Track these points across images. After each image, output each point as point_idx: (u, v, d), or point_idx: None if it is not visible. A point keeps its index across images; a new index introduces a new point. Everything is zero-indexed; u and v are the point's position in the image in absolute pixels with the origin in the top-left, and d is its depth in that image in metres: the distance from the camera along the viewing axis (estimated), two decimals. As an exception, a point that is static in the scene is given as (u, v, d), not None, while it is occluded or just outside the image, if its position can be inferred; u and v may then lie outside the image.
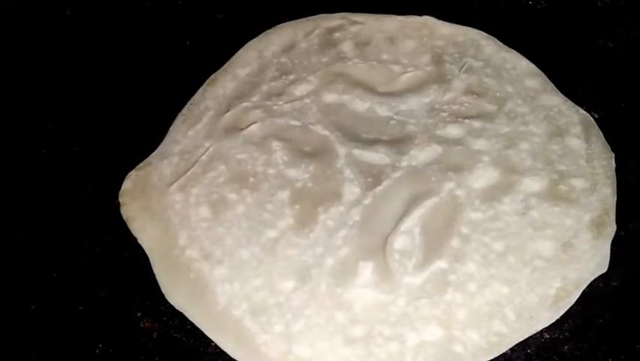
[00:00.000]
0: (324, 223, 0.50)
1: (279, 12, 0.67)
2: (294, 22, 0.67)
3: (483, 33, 0.63)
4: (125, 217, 0.52)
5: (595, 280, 0.47)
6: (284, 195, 0.52)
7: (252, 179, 0.53)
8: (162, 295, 0.48)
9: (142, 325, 0.47)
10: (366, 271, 0.47)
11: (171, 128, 0.58)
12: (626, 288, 0.48)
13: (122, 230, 0.52)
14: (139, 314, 0.48)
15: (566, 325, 0.46)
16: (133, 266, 0.50)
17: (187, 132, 0.57)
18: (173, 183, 0.53)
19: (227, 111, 0.58)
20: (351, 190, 0.52)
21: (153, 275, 0.49)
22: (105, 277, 0.50)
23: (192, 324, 0.47)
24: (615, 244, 0.49)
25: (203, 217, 0.51)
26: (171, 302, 0.47)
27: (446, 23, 0.65)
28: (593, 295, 0.47)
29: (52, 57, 0.64)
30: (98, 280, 0.50)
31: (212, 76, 0.62)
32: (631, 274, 0.48)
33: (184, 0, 0.69)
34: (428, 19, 0.65)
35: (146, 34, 0.66)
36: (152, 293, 0.48)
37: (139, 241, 0.51)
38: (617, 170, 0.53)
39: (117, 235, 0.52)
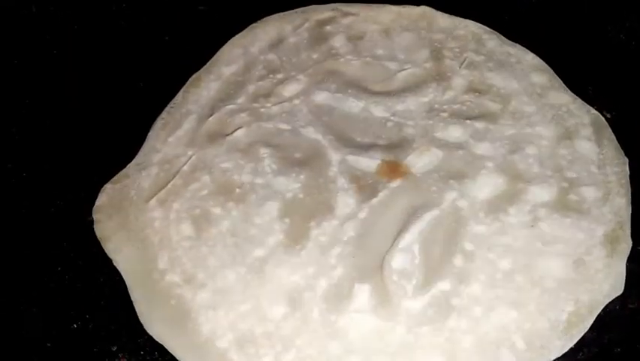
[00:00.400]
0: (317, 239, 0.46)
1: (266, 3, 0.62)
2: (281, 14, 0.62)
3: (484, 27, 0.59)
4: (99, 236, 0.48)
5: (610, 302, 0.43)
6: (273, 207, 0.48)
7: (238, 190, 0.49)
8: (140, 326, 0.44)
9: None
10: (363, 294, 0.43)
11: (150, 135, 0.54)
12: None
13: (97, 251, 0.47)
14: (114, 348, 0.44)
15: (580, 354, 0.42)
16: (108, 293, 0.46)
17: (167, 139, 0.53)
18: (152, 198, 0.49)
19: (211, 115, 0.54)
20: (346, 202, 0.48)
21: (130, 303, 0.45)
22: (78, 306, 0.45)
23: (173, 358, 0.43)
24: (632, 261, 0.45)
25: (184, 236, 0.47)
26: (150, 333, 0.43)
27: (445, 15, 0.61)
28: (609, 319, 0.43)
29: (19, 60, 0.60)
30: (70, 310, 0.45)
31: (195, 75, 0.58)
32: None
33: None
34: (426, 10, 0.61)
35: (122, 29, 0.62)
36: (130, 324, 0.44)
37: (114, 264, 0.46)
38: (631, 177, 0.49)
39: (91, 258, 0.47)
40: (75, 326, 0.45)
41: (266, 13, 0.62)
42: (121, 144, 0.53)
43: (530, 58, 0.57)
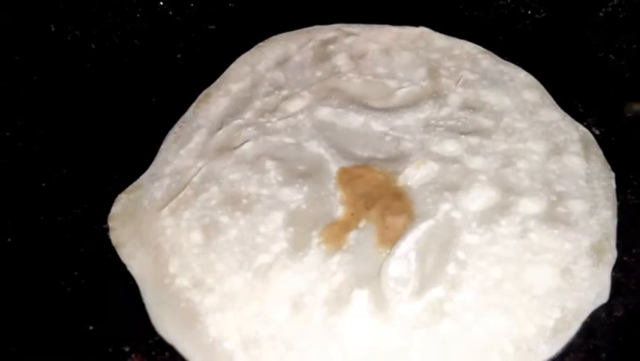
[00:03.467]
0: (318, 247, 0.49)
1: (272, 23, 0.65)
2: (287, 33, 0.65)
3: (479, 47, 0.62)
4: (114, 243, 0.51)
5: (597, 309, 0.46)
6: (278, 217, 0.50)
7: (244, 200, 0.52)
8: (151, 327, 0.47)
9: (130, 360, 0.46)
10: (361, 299, 0.46)
11: (162, 148, 0.57)
12: (630, 318, 0.46)
13: (111, 257, 0.50)
14: (127, 349, 0.46)
15: (567, 359, 0.44)
16: (121, 297, 0.49)
17: (179, 152, 0.56)
18: (164, 207, 0.52)
19: (220, 129, 0.57)
20: (346, 213, 0.50)
21: (142, 305, 0.48)
22: (93, 309, 0.48)
23: (182, 358, 0.46)
24: (618, 270, 0.47)
25: (194, 243, 0.50)
26: (161, 334, 0.46)
27: (442, 35, 0.64)
28: (595, 325, 0.45)
29: (39, 75, 0.62)
30: (86, 312, 0.48)
31: (205, 92, 0.61)
32: (635, 303, 0.46)
33: (174, 12, 0.67)
34: (424, 31, 0.64)
35: (136, 48, 0.65)
36: (141, 326, 0.47)
37: (128, 269, 0.49)
38: (617, 191, 0.51)
39: (106, 263, 0.50)
40: (91, 327, 0.47)
41: (272, 33, 0.64)
42: (135, 156, 0.56)
43: (523, 76, 0.59)
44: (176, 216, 0.51)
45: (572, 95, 0.58)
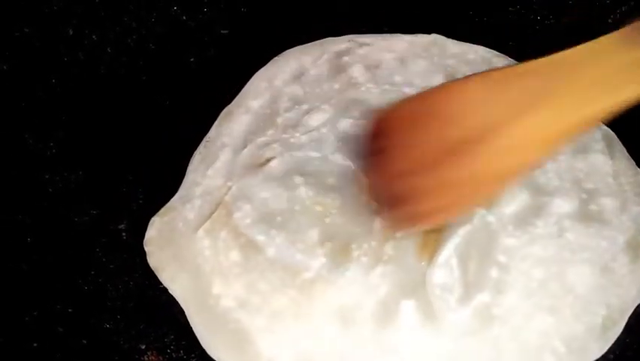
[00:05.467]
0: (359, 260, 0.49)
1: (284, 37, 0.65)
2: (300, 47, 0.65)
3: (493, 51, 0.63)
4: (153, 267, 0.51)
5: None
6: (314, 233, 0.50)
7: (279, 218, 0.51)
8: (166, 326, 0.48)
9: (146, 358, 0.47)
10: (409, 310, 0.46)
11: (190, 169, 0.56)
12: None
13: (127, 257, 0.52)
14: (143, 347, 0.47)
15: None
16: (137, 295, 0.50)
17: (206, 172, 0.55)
18: (199, 228, 0.51)
19: (245, 147, 0.57)
20: (382, 224, 0.51)
21: (157, 304, 0.49)
22: (109, 307, 0.50)
23: (198, 355, 0.47)
24: None
25: (234, 262, 0.49)
26: (213, 357, 0.46)
27: (455, 41, 0.64)
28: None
29: (56, 78, 0.62)
30: (102, 310, 0.50)
31: (225, 110, 0.60)
32: None
33: (187, 17, 0.67)
34: (437, 38, 0.64)
35: (151, 52, 0.64)
36: (157, 323, 0.48)
37: (170, 292, 0.49)
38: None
39: (121, 263, 0.52)
40: (107, 325, 0.49)
41: (285, 36, 0.64)
42: (168, 157, 0.56)
43: None
44: (212, 236, 0.51)
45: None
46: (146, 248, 0.51)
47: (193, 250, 0.50)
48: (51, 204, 0.55)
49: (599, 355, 0.45)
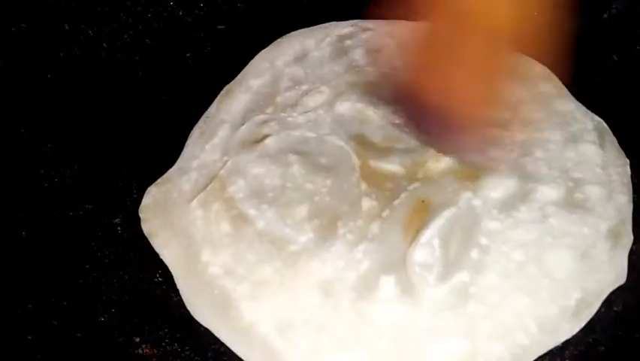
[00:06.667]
0: (344, 237, 0.50)
1: (290, 21, 0.66)
2: (305, 30, 0.67)
3: (494, 40, 0.64)
4: (146, 233, 0.53)
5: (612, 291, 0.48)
6: (303, 209, 0.52)
7: (270, 194, 0.53)
8: (160, 319, 0.49)
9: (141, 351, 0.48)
10: (389, 284, 0.48)
11: (188, 142, 0.58)
12: (629, 314, 0.48)
13: (122, 251, 0.53)
14: (137, 340, 0.48)
15: (566, 352, 0.47)
16: (132, 289, 0.51)
17: (204, 146, 0.57)
18: (193, 199, 0.53)
19: (243, 124, 0.58)
20: (369, 204, 0.52)
21: (150, 298, 0.50)
22: (104, 301, 0.50)
23: (191, 348, 0.48)
24: (631, 254, 0.49)
25: (224, 233, 0.51)
26: (197, 319, 0.48)
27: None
28: (616, 303, 0.48)
29: (52, 73, 0.63)
30: (97, 304, 0.50)
31: (226, 87, 0.62)
32: (633, 299, 0.49)
33: (183, 12, 0.68)
34: (439, 25, 0.65)
35: (148, 47, 0.66)
36: (152, 317, 0.49)
37: (161, 257, 0.51)
38: (632, 178, 0.53)
39: (117, 257, 0.53)
40: (102, 319, 0.50)
41: (289, 30, 0.66)
42: (162, 151, 0.58)
43: (537, 68, 0.60)
44: (205, 208, 0.53)
45: (584, 87, 0.59)
46: (140, 215, 0.53)
47: (186, 219, 0.53)
48: (47, 198, 0.56)
49: (569, 335, 0.46)
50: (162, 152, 0.58)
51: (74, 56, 0.64)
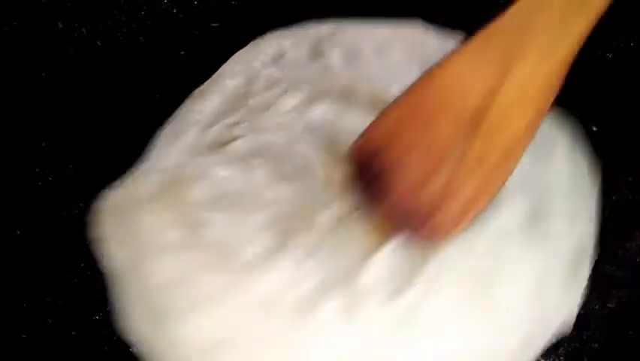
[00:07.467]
0: (293, 252, 0.49)
1: (269, 21, 0.65)
2: (283, 30, 0.65)
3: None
4: (93, 237, 0.52)
5: (591, 302, 0.47)
6: (258, 218, 0.51)
7: (229, 199, 0.52)
8: None
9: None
10: (333, 304, 0.47)
11: (155, 144, 0.58)
12: (623, 310, 0.48)
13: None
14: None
15: (561, 349, 0.47)
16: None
17: (170, 148, 0.56)
18: (148, 203, 0.52)
19: (213, 126, 0.57)
20: (325, 219, 0.51)
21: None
22: (98, 299, 0.51)
23: None
24: (611, 264, 0.49)
25: (173, 240, 0.50)
26: (128, 329, 0.48)
27: (437, 30, 0.62)
28: (589, 318, 0.47)
29: (46, 72, 0.63)
30: (92, 302, 0.51)
31: (199, 88, 0.61)
32: (627, 295, 0.48)
33: (177, 10, 0.67)
34: (418, 27, 0.63)
35: (141, 45, 0.65)
36: None
37: (103, 262, 0.51)
38: (612, 185, 0.52)
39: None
40: (96, 317, 0.51)
41: (269, 30, 0.64)
42: (126, 152, 0.57)
43: None
44: (159, 213, 0.52)
45: (566, 92, 0.56)
46: (91, 218, 0.53)
47: (138, 224, 0.52)
48: (41, 197, 0.56)
49: None
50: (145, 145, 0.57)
51: (68, 55, 0.64)
